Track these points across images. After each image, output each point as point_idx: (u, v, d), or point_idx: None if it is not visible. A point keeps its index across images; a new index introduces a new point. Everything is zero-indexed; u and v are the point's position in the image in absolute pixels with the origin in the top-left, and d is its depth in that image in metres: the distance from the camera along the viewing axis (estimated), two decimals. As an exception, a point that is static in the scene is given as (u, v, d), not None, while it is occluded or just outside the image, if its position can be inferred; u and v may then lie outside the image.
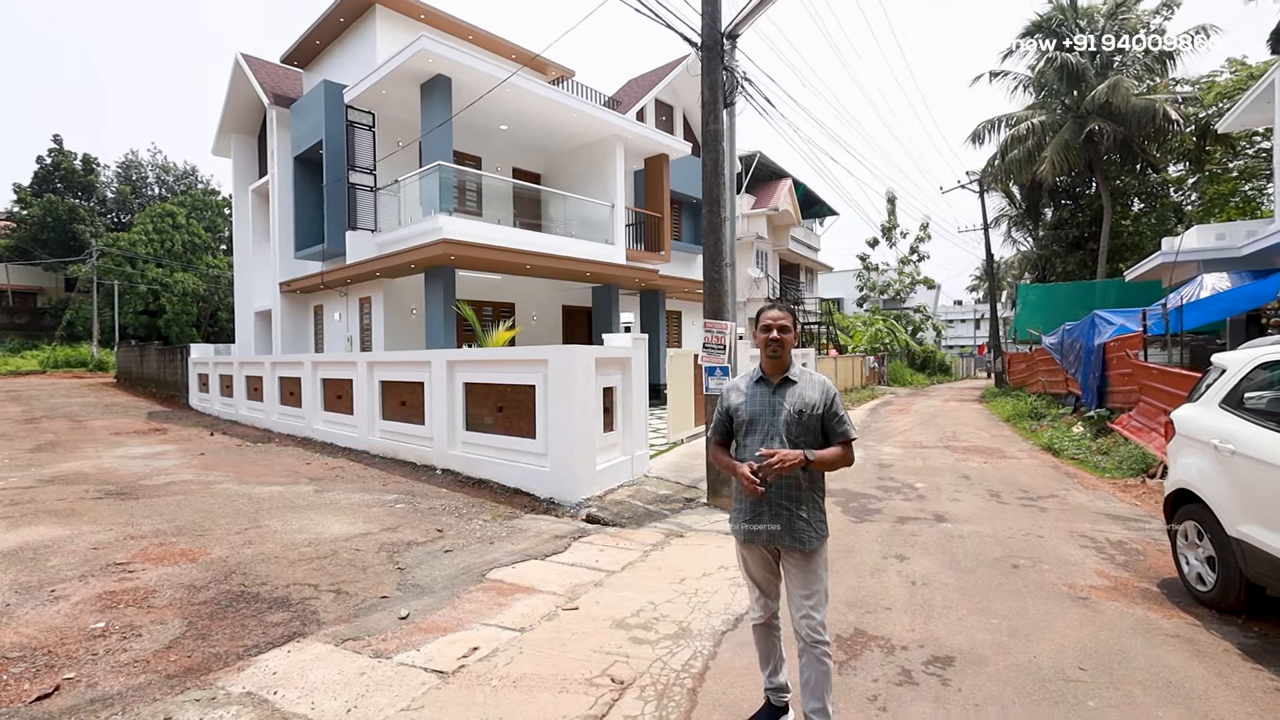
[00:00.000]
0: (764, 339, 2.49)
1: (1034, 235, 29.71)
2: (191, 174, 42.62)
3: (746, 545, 2.51)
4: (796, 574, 2.43)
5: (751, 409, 2.46)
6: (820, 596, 2.42)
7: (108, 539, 5.08)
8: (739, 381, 2.61)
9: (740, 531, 2.49)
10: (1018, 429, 13.19)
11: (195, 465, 8.68)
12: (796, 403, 2.42)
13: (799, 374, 2.50)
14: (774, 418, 2.42)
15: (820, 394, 2.44)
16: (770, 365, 2.50)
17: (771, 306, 2.54)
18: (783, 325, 2.47)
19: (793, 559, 2.43)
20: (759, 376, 2.53)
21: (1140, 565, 4.74)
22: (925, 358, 38.99)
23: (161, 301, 33.05)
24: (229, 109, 16.75)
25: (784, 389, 2.47)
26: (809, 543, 2.39)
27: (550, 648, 3.33)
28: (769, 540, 2.42)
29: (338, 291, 13.86)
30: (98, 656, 3.15)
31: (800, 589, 2.41)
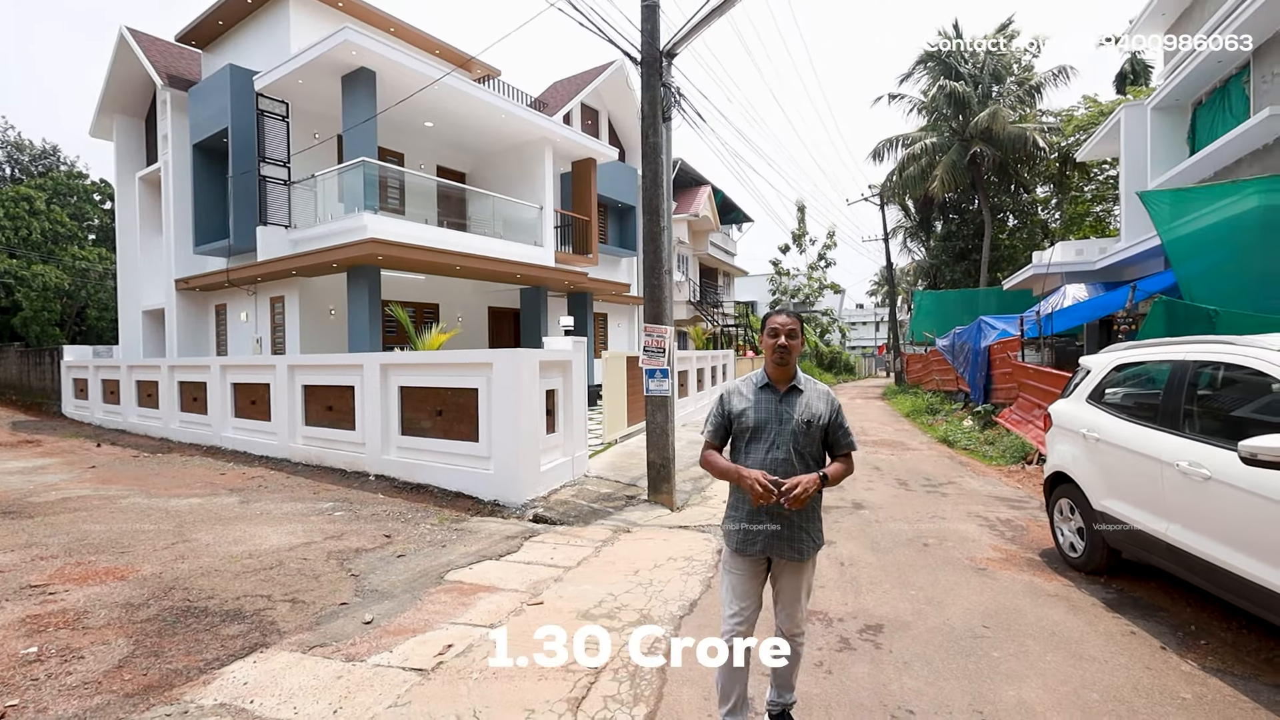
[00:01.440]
0: (770, 344, 2.40)
1: (927, 246, 32.43)
2: (52, 154, 37.95)
3: (738, 555, 2.41)
4: (790, 582, 2.43)
5: (757, 415, 2.39)
6: (805, 600, 2.48)
7: (12, 561, 4.64)
8: (740, 385, 2.52)
9: (736, 535, 2.40)
10: (917, 423, 14.48)
11: (90, 479, 7.94)
12: (805, 413, 2.36)
13: (805, 383, 2.46)
14: (781, 426, 2.35)
15: (826, 405, 2.41)
16: (777, 372, 2.43)
17: (779, 312, 2.47)
18: (790, 330, 2.40)
19: (788, 569, 2.41)
20: (764, 382, 2.45)
21: (1025, 539, 5.50)
22: (832, 358, 41.49)
23: (16, 297, 29.26)
24: (111, 87, 15.20)
25: (791, 397, 2.40)
26: (807, 553, 2.37)
27: (525, 640, 3.48)
28: (764, 549, 2.36)
29: (245, 290, 12.98)
30: (39, 681, 2.97)
31: (791, 596, 2.44)
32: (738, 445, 2.44)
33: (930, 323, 22.65)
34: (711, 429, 2.51)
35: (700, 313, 26.21)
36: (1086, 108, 24.27)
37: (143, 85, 14.96)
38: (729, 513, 2.49)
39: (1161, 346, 4.23)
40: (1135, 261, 13.51)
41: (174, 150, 13.47)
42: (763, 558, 2.41)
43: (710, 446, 2.49)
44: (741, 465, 2.35)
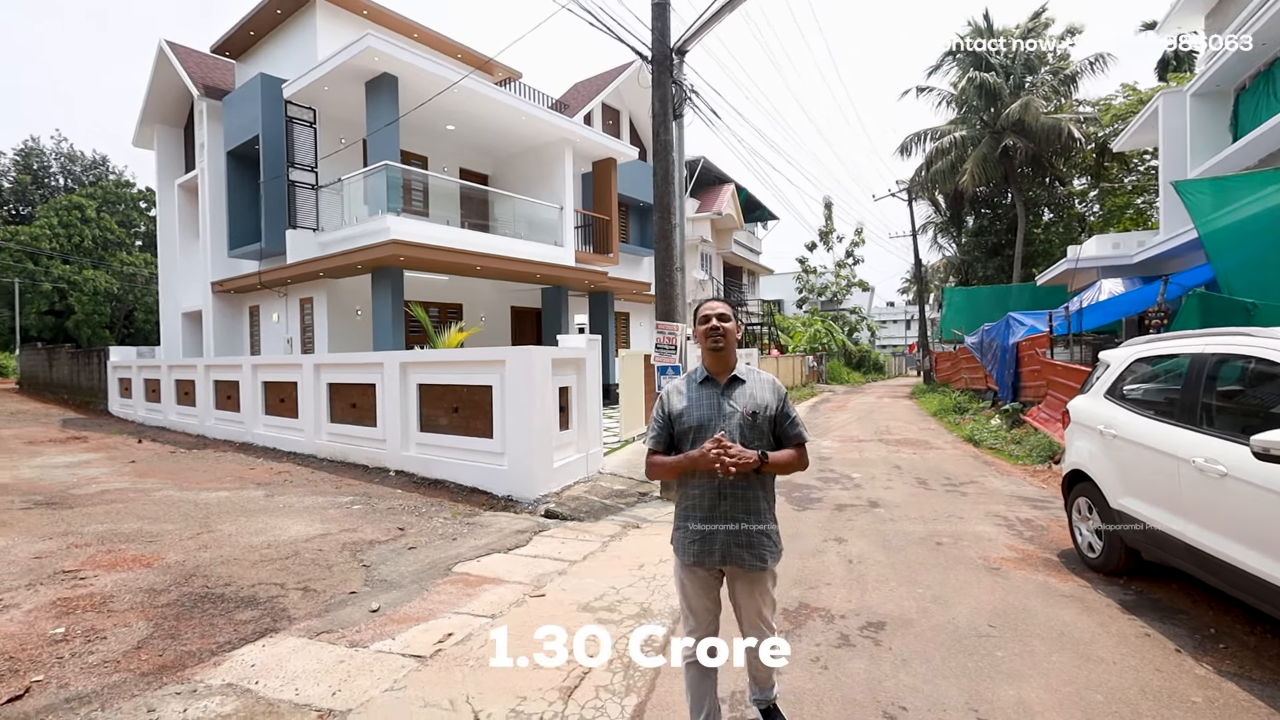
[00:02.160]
0: (704, 330, 2.26)
1: (957, 241, 31.71)
2: (102, 164, 39.78)
3: (691, 568, 2.25)
4: (749, 593, 2.26)
5: (699, 413, 2.21)
6: (770, 609, 2.32)
7: (49, 548, 4.90)
8: (679, 383, 2.35)
9: (690, 547, 2.22)
10: (943, 423, 14.17)
11: (128, 473, 8.31)
12: (749, 404, 2.20)
13: (746, 372, 2.30)
14: (725, 421, 2.18)
15: (772, 394, 2.26)
16: (714, 361, 2.26)
17: (708, 300, 2.36)
18: (722, 314, 2.26)
19: (746, 578, 2.24)
20: (704, 376, 2.29)
21: (1044, 539, 5.35)
22: (861, 357, 40.86)
23: (69, 301, 30.76)
24: (152, 99, 15.88)
25: (733, 389, 2.24)
26: (768, 559, 2.21)
27: (523, 631, 3.54)
28: (722, 558, 2.19)
29: (276, 292, 13.41)
30: (64, 659, 3.14)
31: (752, 608, 2.28)
32: (681, 448, 2.24)
33: (960, 320, 22.15)
34: (654, 435, 2.30)
35: (724, 311, 26.10)
36: (1125, 96, 23.43)
37: (181, 96, 15.57)
38: (678, 523, 2.28)
39: (1181, 339, 4.08)
40: (1176, 254, 13.01)
41: (209, 158, 13.98)
42: (719, 570, 2.25)
43: (653, 454, 2.30)
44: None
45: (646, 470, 2.33)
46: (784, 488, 7.65)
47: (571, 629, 3.56)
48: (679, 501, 2.30)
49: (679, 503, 2.31)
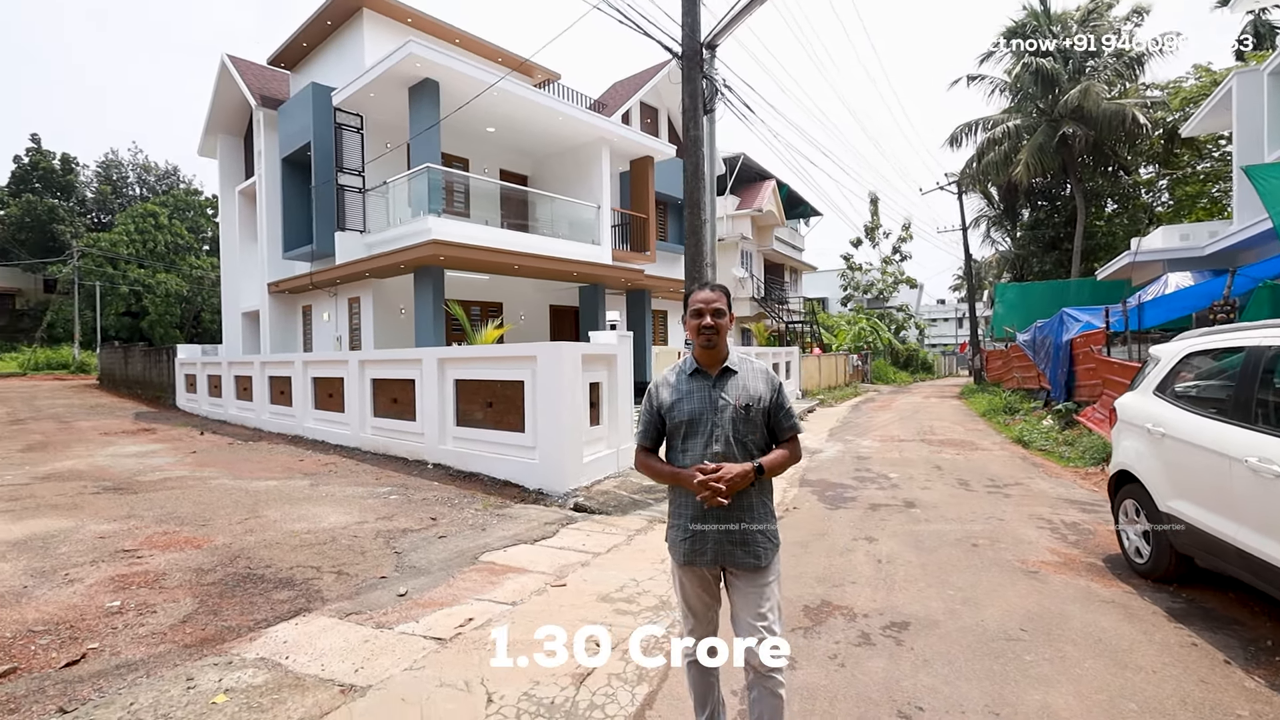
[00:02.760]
0: (695, 325, 2.14)
1: (1012, 235, 30.42)
2: (173, 174, 42.28)
3: (687, 566, 2.16)
4: (747, 593, 2.10)
5: (690, 406, 2.12)
6: (775, 614, 2.10)
7: (112, 529, 5.27)
8: (668, 375, 2.24)
9: (682, 545, 2.14)
10: (992, 423, 13.64)
11: (189, 463, 8.83)
12: (742, 396, 2.11)
13: (739, 363, 2.19)
14: (717, 415, 2.09)
15: (766, 385, 2.16)
16: (706, 356, 2.17)
17: (702, 287, 2.20)
18: (716, 309, 2.13)
19: (743, 577, 2.11)
20: (694, 368, 2.18)
21: (1090, 543, 5.10)
22: (908, 356, 39.67)
23: (144, 303, 32.81)
24: (215, 110, 16.78)
25: (725, 380, 2.14)
26: (764, 556, 2.09)
27: (540, 618, 3.61)
28: (715, 557, 2.09)
29: (326, 292, 13.99)
30: (117, 630, 3.37)
31: (752, 610, 2.07)
32: (673, 443, 2.17)
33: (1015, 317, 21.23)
34: (642, 429, 2.22)
35: (765, 309, 25.79)
36: (1197, 78, 22.04)
37: (241, 106, 16.40)
38: (671, 521, 2.21)
39: (1238, 332, 3.82)
40: (1251, 245, 12.14)
41: (266, 164, 14.68)
42: (715, 569, 2.15)
43: (644, 450, 2.23)
44: (678, 464, 2.13)
45: (635, 463, 2.26)
46: (817, 486, 7.53)
47: (589, 618, 3.61)
48: (671, 499, 2.22)
49: (671, 500, 2.22)
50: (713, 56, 7.13)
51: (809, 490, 7.35)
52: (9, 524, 5.45)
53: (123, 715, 2.57)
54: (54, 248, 32.27)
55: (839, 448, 10.64)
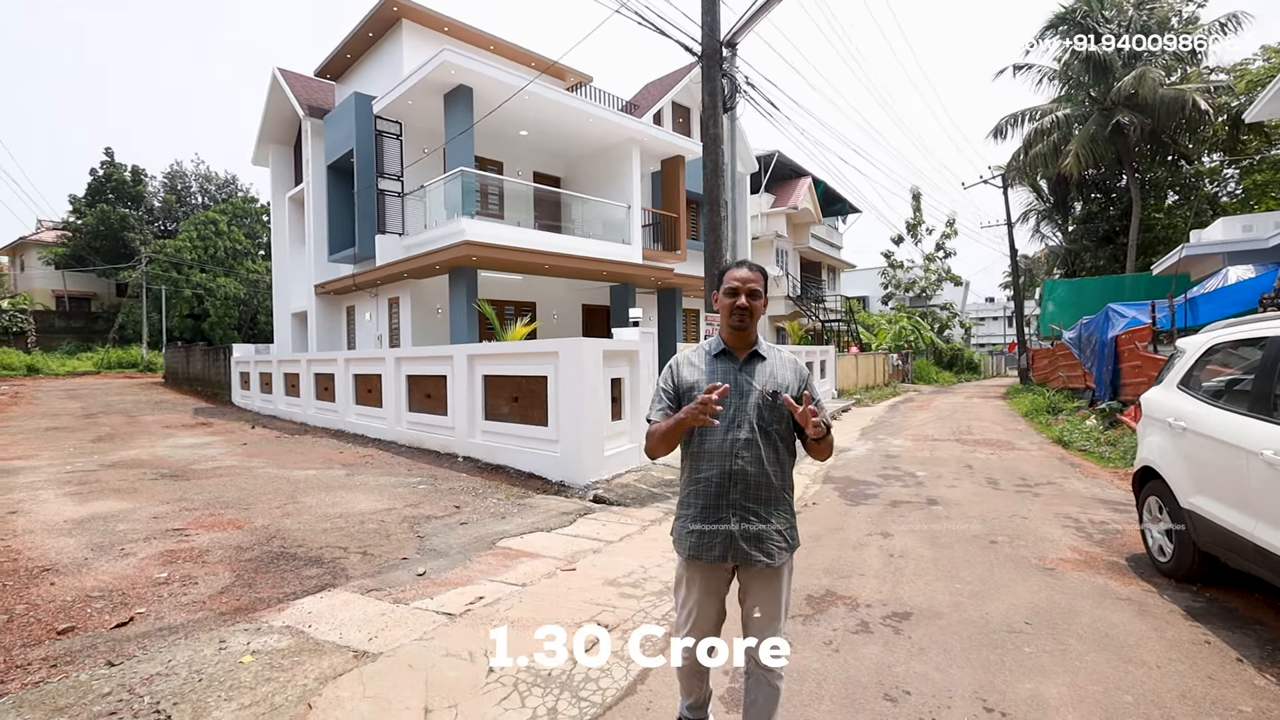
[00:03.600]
0: (729, 304, 2.02)
1: (1063, 230, 29.22)
2: (232, 182, 44.47)
3: (692, 561, 2.02)
4: (759, 594, 2.01)
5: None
6: (783, 617, 2.04)
7: (165, 511, 5.70)
8: (690, 354, 2.13)
9: (688, 538, 2.01)
10: (1034, 423, 13.20)
11: (239, 453, 9.37)
12: (769, 382, 2.00)
13: (767, 349, 2.10)
14: (741, 400, 1.98)
15: (795, 375, 2.06)
16: (735, 337, 2.05)
17: (740, 265, 2.06)
18: (752, 289, 2.01)
19: (756, 578, 2.00)
20: (720, 349, 2.08)
21: (1116, 542, 4.96)
22: (952, 355, 38.52)
23: (205, 305, 34.66)
24: (267, 121, 17.66)
25: (752, 365, 2.04)
26: (778, 556, 1.97)
27: (546, 598, 3.77)
28: (724, 553, 1.96)
29: (368, 292, 14.58)
30: (163, 598, 3.69)
31: (762, 611, 2.00)
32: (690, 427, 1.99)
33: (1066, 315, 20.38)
34: (660, 408, 2.06)
35: (801, 308, 25.48)
36: (1266, 59, 20.75)
37: (290, 117, 17.21)
38: (679, 511, 2.08)
39: (1262, 323, 3.68)
40: (1318, 236, 11.43)
41: (313, 172, 15.38)
42: (724, 566, 2.01)
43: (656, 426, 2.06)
44: (696, 449, 2.01)
45: (645, 448, 2.04)
46: (839, 483, 7.49)
47: (593, 600, 3.74)
48: (683, 486, 2.07)
49: (683, 487, 2.07)
50: (733, 55, 7.18)
51: (831, 487, 7.32)
52: (76, 505, 5.95)
53: (161, 669, 2.84)
54: (125, 254, 34.41)
55: (868, 446, 10.51)
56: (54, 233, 37.71)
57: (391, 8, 13.10)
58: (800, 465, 8.96)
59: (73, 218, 35.48)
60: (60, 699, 2.61)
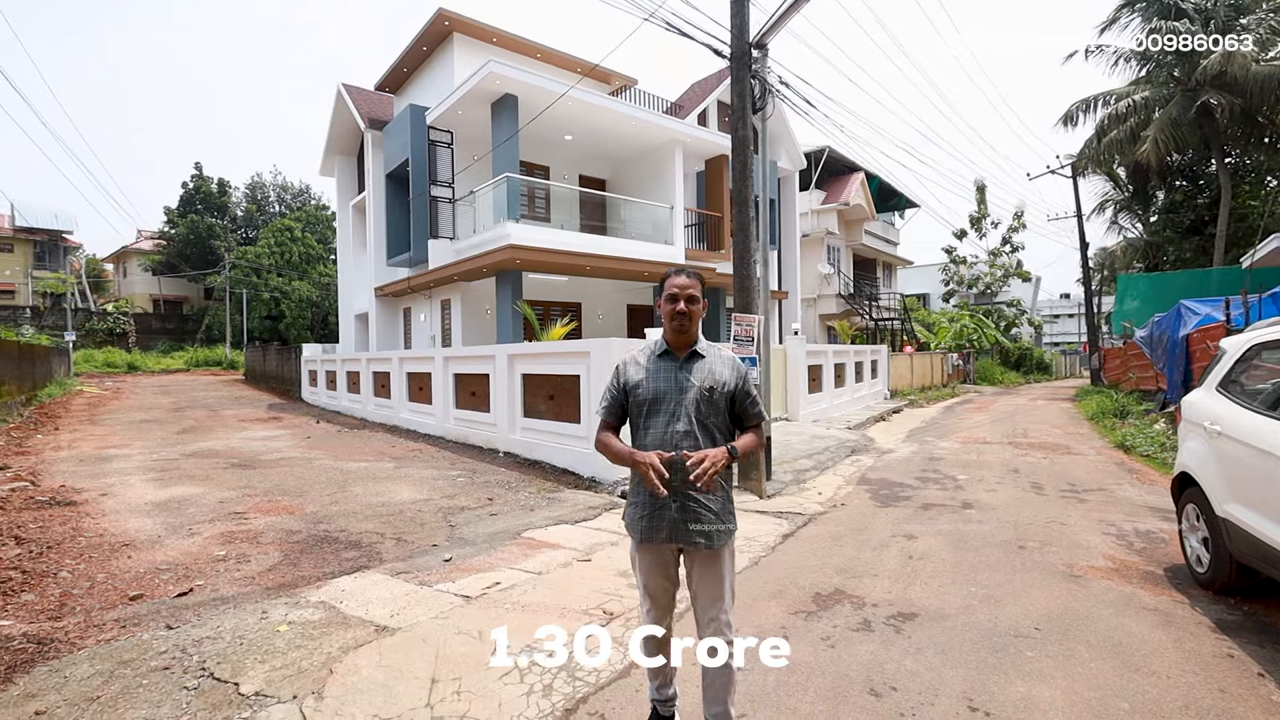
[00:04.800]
0: (670, 310, 2.20)
1: (1143, 220, 27.32)
2: (305, 191, 47.22)
3: (644, 545, 2.21)
4: (703, 574, 2.18)
5: (655, 386, 2.18)
6: (728, 597, 2.20)
7: (231, 496, 6.26)
8: (637, 355, 2.30)
9: (639, 523, 2.18)
10: (1098, 427, 12.50)
11: (302, 446, 10.08)
12: (706, 379, 2.16)
13: (707, 348, 2.26)
14: (681, 395, 2.14)
15: (732, 371, 2.22)
16: (676, 338, 2.23)
17: (679, 272, 2.25)
18: (690, 295, 2.20)
19: (699, 559, 2.17)
20: (662, 350, 2.24)
21: (1157, 552, 4.73)
22: (1020, 355, 36.63)
23: (281, 307, 37.00)
24: (333, 133, 18.76)
25: (691, 363, 2.20)
26: (718, 539, 2.14)
27: (559, 586, 3.97)
28: (670, 536, 2.13)
29: (422, 294, 15.29)
30: (219, 572, 4.11)
31: (707, 591, 2.18)
32: (635, 420, 2.22)
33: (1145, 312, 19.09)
34: (606, 405, 2.26)
35: (853, 306, 24.89)
36: (1380, 28, 18.79)
37: (353, 130, 18.22)
38: (630, 499, 2.25)
39: (1305, 320, 3.46)
40: None
41: (373, 181, 16.26)
42: (671, 547, 2.18)
43: (606, 426, 2.25)
44: (640, 441, 2.18)
45: (595, 442, 2.25)
46: (874, 485, 7.39)
47: (603, 590, 3.92)
48: (631, 478, 2.25)
49: (633, 478, 2.24)
50: (763, 55, 7.19)
51: (864, 488, 7.23)
52: (157, 489, 6.61)
53: (210, 633, 3.20)
54: (211, 260, 37.20)
55: (913, 448, 10.25)
56: (151, 241, 41.18)
57: (443, 22, 13.70)
58: (838, 467, 8.86)
59: (167, 227, 38.60)
60: (126, 654, 3.00)
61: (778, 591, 3.98)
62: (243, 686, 2.73)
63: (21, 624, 3.32)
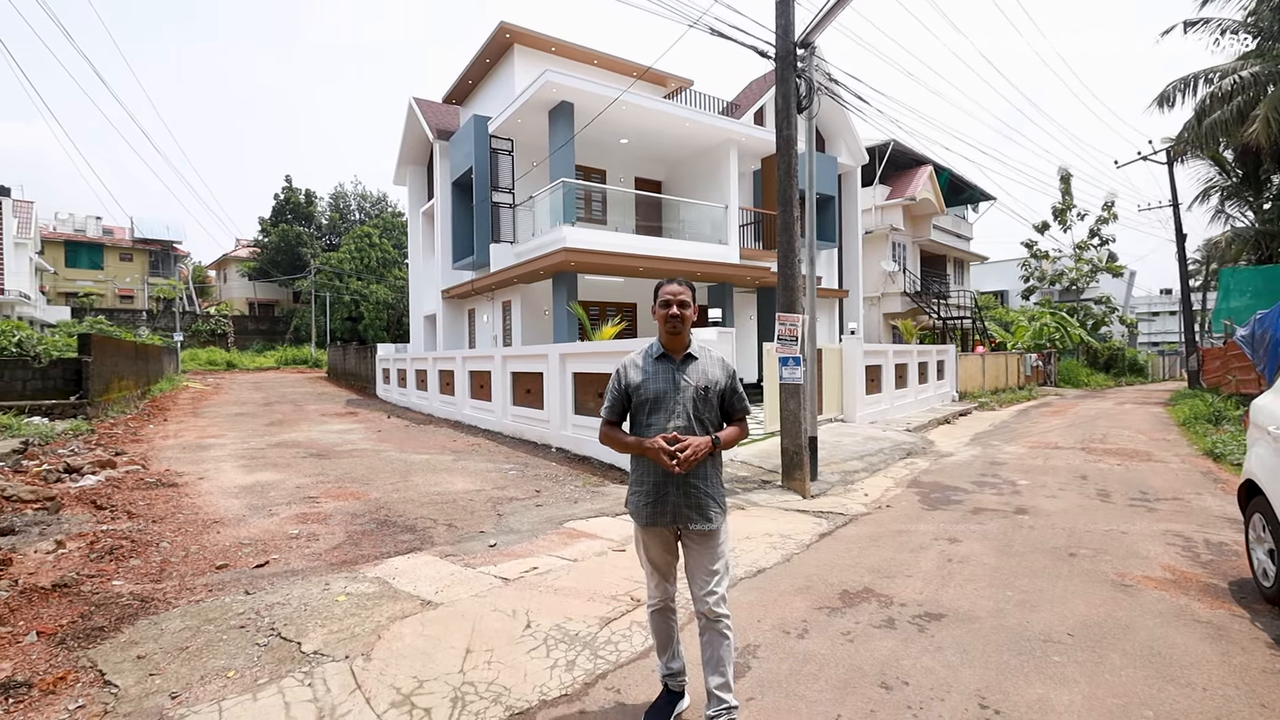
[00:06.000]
0: (663, 315, 2.43)
1: (1255, 208, 24.87)
2: (383, 199, 49.94)
3: (648, 529, 2.44)
4: (699, 552, 2.41)
5: (655, 386, 2.40)
6: (723, 572, 2.43)
7: (306, 482, 6.87)
8: (636, 358, 2.54)
9: (644, 509, 2.41)
10: (1188, 433, 11.59)
11: (372, 439, 10.82)
12: (700, 379, 2.40)
13: (699, 350, 2.49)
14: (678, 394, 2.38)
15: (722, 371, 2.46)
16: (671, 341, 2.46)
17: (670, 281, 2.48)
18: (682, 300, 2.42)
19: (695, 537, 2.41)
20: (660, 353, 2.47)
21: (1224, 565, 4.45)
22: (1110, 356, 34.10)
23: (360, 309, 39.36)
24: (405, 144, 19.84)
25: (686, 365, 2.43)
26: (715, 519, 2.39)
27: (592, 573, 4.18)
28: (673, 519, 2.38)
29: (485, 296, 15.97)
30: (291, 549, 4.58)
31: (704, 567, 2.40)
32: (638, 418, 2.44)
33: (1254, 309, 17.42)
34: (609, 404, 2.51)
35: (920, 305, 23.98)
36: None
37: (423, 140, 19.21)
38: (633, 488, 2.49)
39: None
40: None
41: (440, 188, 17.12)
42: (672, 529, 2.43)
43: (608, 423, 2.49)
44: (642, 437, 2.37)
45: (600, 436, 2.52)
46: (925, 488, 7.22)
47: (633, 578, 4.10)
48: (634, 468, 2.49)
49: (634, 469, 2.49)
50: (809, 53, 7.17)
51: (913, 491, 7.08)
52: (244, 475, 7.33)
53: (280, 600, 3.62)
54: (299, 266, 40.02)
55: (974, 452, 9.88)
56: (247, 249, 44.72)
57: (504, 34, 14.28)
58: (889, 469, 8.67)
59: (261, 236, 41.81)
60: (210, 614, 3.43)
61: (805, 587, 4.03)
62: (304, 645, 3.08)
63: (129, 584, 3.85)
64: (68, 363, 11.88)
